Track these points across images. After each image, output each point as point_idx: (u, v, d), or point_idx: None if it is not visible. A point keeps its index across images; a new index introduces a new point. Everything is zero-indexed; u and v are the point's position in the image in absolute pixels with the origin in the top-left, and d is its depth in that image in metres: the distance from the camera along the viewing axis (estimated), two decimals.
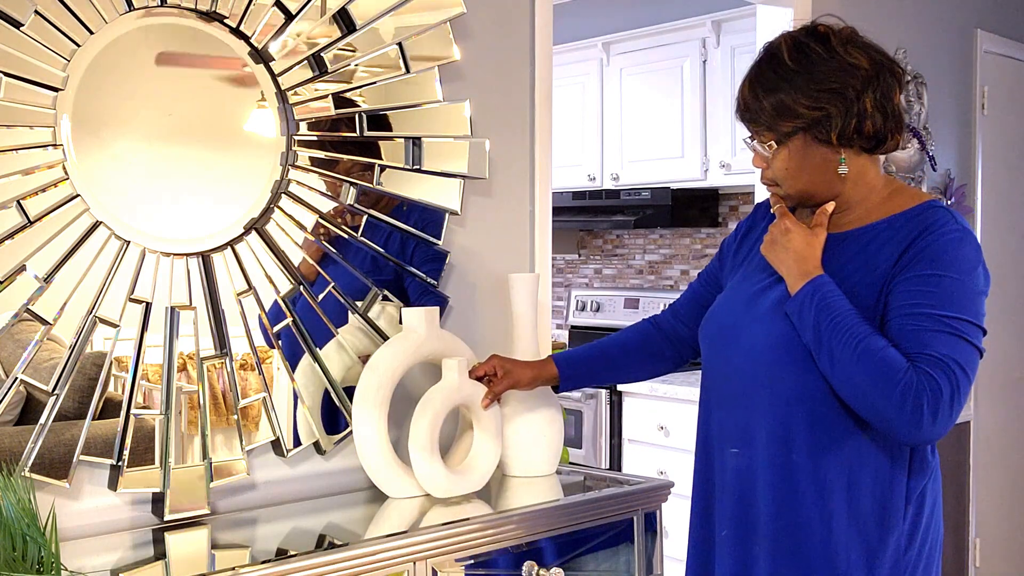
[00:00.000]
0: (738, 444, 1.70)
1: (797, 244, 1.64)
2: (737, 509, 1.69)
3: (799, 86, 1.61)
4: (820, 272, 1.61)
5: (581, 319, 4.82)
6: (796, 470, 1.62)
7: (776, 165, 1.66)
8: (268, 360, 1.96)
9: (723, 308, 1.78)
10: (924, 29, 3.65)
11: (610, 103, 4.49)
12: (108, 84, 1.75)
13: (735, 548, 1.70)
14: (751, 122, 1.67)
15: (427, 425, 1.93)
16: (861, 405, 1.55)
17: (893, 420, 1.52)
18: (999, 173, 4.13)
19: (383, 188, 2.09)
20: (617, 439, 3.95)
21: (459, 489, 1.96)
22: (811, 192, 1.67)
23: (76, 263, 1.73)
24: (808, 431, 1.61)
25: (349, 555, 1.64)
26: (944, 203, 1.67)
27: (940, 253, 1.56)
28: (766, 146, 1.65)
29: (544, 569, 1.86)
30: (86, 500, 1.78)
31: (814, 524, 1.61)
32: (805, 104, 1.60)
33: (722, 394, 1.74)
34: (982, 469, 4.01)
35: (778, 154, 1.65)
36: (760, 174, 1.70)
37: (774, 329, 1.65)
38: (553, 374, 1.99)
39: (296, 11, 1.94)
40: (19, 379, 1.67)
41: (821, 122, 1.60)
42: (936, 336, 1.52)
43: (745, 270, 1.81)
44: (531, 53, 2.42)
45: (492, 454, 2.03)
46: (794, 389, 1.62)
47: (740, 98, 1.68)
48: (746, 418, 1.68)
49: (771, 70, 1.64)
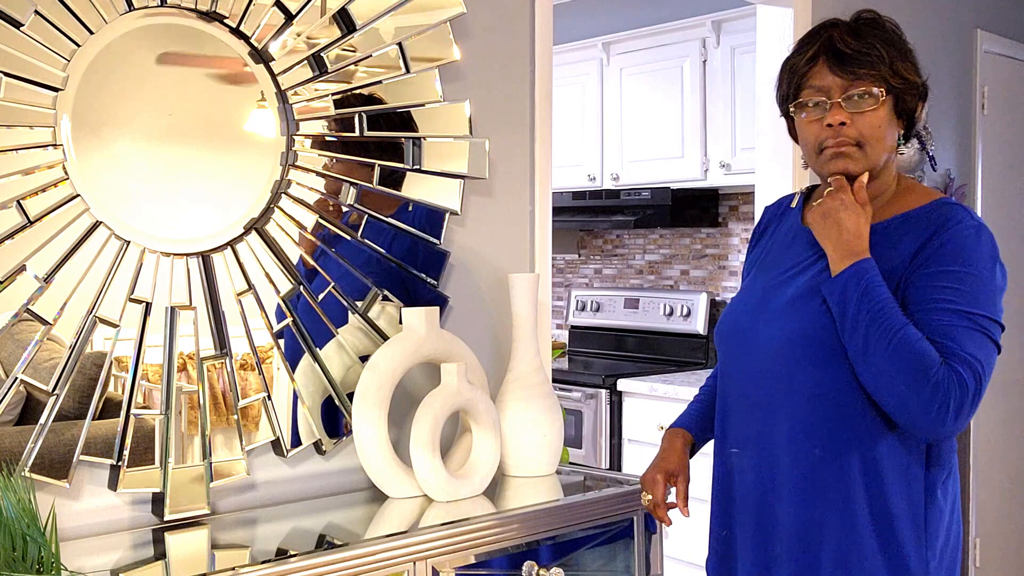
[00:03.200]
0: (754, 442, 1.68)
1: (851, 222, 1.59)
2: (757, 508, 1.68)
3: (905, 51, 1.62)
4: (868, 255, 1.58)
5: (581, 319, 4.82)
6: (816, 467, 1.61)
7: (869, 121, 1.60)
8: (268, 360, 1.96)
9: (737, 308, 1.77)
10: (924, 29, 3.65)
11: (610, 103, 4.49)
12: (108, 84, 1.75)
13: (755, 548, 1.68)
14: (860, 65, 1.59)
15: (427, 429, 1.93)
16: (886, 395, 1.53)
17: (917, 414, 1.51)
18: (999, 173, 4.13)
19: (383, 188, 2.09)
20: (617, 439, 3.95)
21: (460, 493, 1.96)
22: (877, 165, 1.63)
23: (76, 263, 1.73)
24: (827, 427, 1.60)
25: (349, 555, 1.64)
26: (955, 200, 1.68)
27: (961, 248, 1.56)
28: (868, 93, 1.59)
29: (544, 569, 1.86)
30: (86, 500, 1.78)
31: (835, 522, 1.60)
32: (910, 68, 1.61)
33: (739, 394, 1.72)
34: (982, 469, 4.01)
35: (882, 106, 1.60)
36: (832, 136, 1.60)
37: (791, 325, 1.63)
38: (691, 440, 1.89)
39: (296, 11, 1.94)
40: (19, 379, 1.67)
41: (914, 90, 1.62)
42: (966, 333, 1.52)
43: (758, 269, 1.80)
44: (531, 53, 2.42)
45: (492, 458, 2.03)
46: (812, 385, 1.61)
47: (838, 42, 1.60)
48: (764, 416, 1.66)
49: (878, 28, 1.63)
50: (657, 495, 1.81)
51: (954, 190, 3.80)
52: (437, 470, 1.93)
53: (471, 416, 2.03)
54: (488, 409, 2.03)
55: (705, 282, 4.55)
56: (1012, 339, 4.08)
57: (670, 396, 3.73)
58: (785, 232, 1.79)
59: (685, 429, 1.88)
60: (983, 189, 4.03)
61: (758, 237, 1.89)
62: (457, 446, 2.13)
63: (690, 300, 4.39)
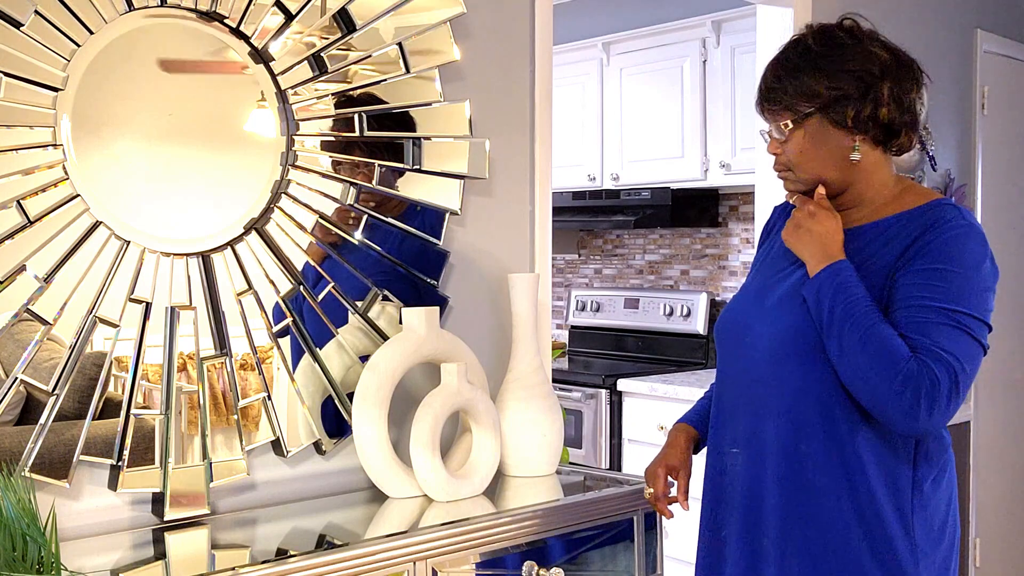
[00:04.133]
0: (747, 441, 1.70)
1: (821, 228, 1.65)
2: (745, 505, 1.70)
3: (821, 67, 1.63)
4: (842, 256, 1.62)
5: (581, 319, 4.82)
6: (805, 463, 1.63)
7: (791, 147, 1.67)
8: (268, 360, 1.96)
9: (733, 307, 1.80)
10: (924, 29, 3.65)
11: (610, 103, 4.49)
12: (108, 84, 1.75)
13: (744, 545, 1.70)
14: (770, 103, 1.68)
15: (427, 429, 1.93)
16: (862, 391, 1.56)
17: (890, 408, 1.53)
18: (999, 173, 4.13)
19: (383, 188, 2.09)
20: (617, 439, 3.94)
21: (460, 493, 1.96)
22: (824, 178, 1.67)
23: (76, 263, 1.73)
24: (816, 423, 1.62)
25: (349, 555, 1.64)
26: (953, 201, 1.68)
27: (945, 247, 1.57)
28: (782, 125, 1.66)
29: (544, 569, 1.86)
30: (86, 500, 1.78)
31: (823, 517, 1.61)
32: (825, 84, 1.62)
33: (733, 392, 1.74)
34: (982, 469, 4.01)
35: (794, 135, 1.66)
36: (773, 162, 1.71)
37: (780, 323, 1.66)
38: (695, 436, 1.91)
39: (296, 11, 1.94)
40: (19, 379, 1.67)
41: (839, 102, 1.62)
42: (939, 329, 1.53)
43: (757, 268, 1.84)
44: (531, 53, 2.42)
45: (492, 458, 2.04)
46: (801, 381, 1.63)
47: (762, 82, 1.70)
48: (755, 413, 1.69)
49: (795, 54, 1.67)
50: (658, 489, 1.86)
51: (954, 190, 3.80)
52: (437, 470, 1.93)
53: (471, 416, 2.03)
54: (488, 409, 2.03)
55: (705, 282, 4.55)
56: (1012, 339, 4.09)
57: (670, 396, 3.73)
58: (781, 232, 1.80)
59: (691, 426, 1.91)
60: (983, 189, 4.03)
61: (765, 236, 1.92)
62: (457, 446, 2.13)
63: (690, 300, 4.39)
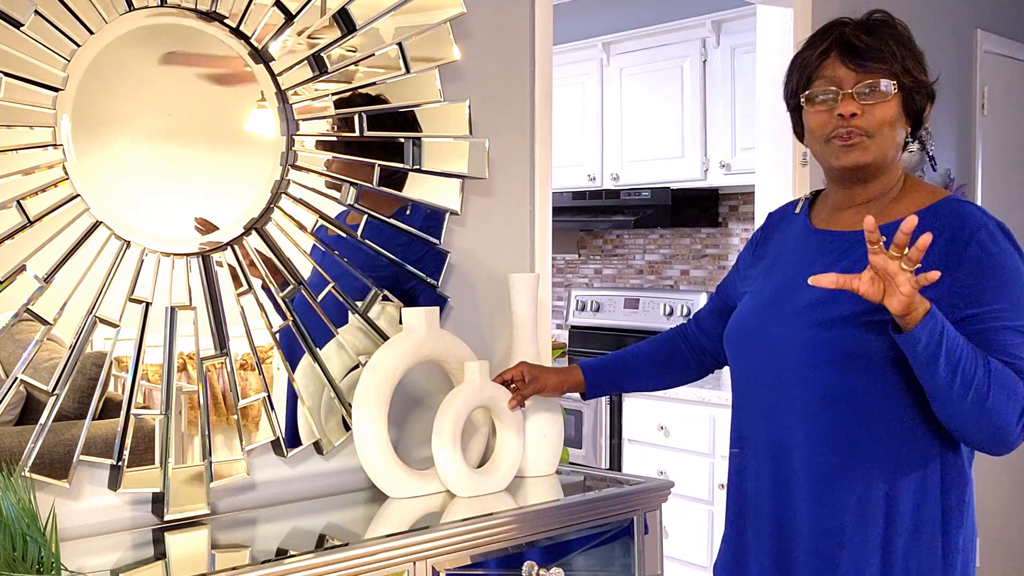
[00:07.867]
0: (772, 445, 1.67)
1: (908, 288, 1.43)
2: (774, 513, 1.67)
3: (915, 50, 1.63)
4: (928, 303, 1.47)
5: (581, 319, 4.82)
6: (832, 473, 1.59)
7: (881, 114, 1.60)
8: (268, 360, 1.96)
9: (747, 311, 1.75)
10: (924, 29, 3.64)
11: (610, 103, 4.50)
12: (108, 84, 1.75)
13: (772, 552, 1.67)
14: (877, 60, 1.60)
15: (450, 425, 1.94)
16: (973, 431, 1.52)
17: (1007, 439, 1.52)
18: (999, 173, 4.13)
19: (383, 188, 2.09)
20: (617, 439, 3.94)
21: (483, 488, 1.97)
22: (886, 159, 1.64)
23: (76, 263, 1.73)
24: (845, 433, 1.59)
25: (349, 555, 1.64)
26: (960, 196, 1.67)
27: (990, 255, 1.56)
28: (890, 85, 1.60)
29: (544, 569, 1.86)
30: (86, 500, 1.78)
31: (852, 528, 1.58)
32: (921, 68, 1.62)
33: (754, 397, 1.71)
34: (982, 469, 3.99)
35: (892, 101, 1.61)
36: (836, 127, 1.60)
37: (810, 328, 1.61)
38: (579, 381, 1.98)
39: (296, 11, 1.94)
40: (19, 379, 1.67)
41: (923, 89, 1.63)
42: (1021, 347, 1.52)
43: (765, 273, 1.78)
44: (531, 53, 2.42)
45: (515, 454, 2.04)
46: (829, 388, 1.59)
47: (856, 39, 1.61)
48: (779, 419, 1.65)
49: (890, 27, 1.64)
50: (505, 375, 2.01)
51: (954, 190, 3.80)
52: (459, 465, 1.94)
53: (494, 413, 2.04)
54: None
55: (705, 282, 4.55)
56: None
57: (670, 396, 3.73)
58: (793, 236, 1.77)
59: (586, 373, 1.99)
60: (983, 189, 4.03)
61: (757, 243, 1.87)
62: (470, 446, 2.12)
63: (690, 300, 4.39)
